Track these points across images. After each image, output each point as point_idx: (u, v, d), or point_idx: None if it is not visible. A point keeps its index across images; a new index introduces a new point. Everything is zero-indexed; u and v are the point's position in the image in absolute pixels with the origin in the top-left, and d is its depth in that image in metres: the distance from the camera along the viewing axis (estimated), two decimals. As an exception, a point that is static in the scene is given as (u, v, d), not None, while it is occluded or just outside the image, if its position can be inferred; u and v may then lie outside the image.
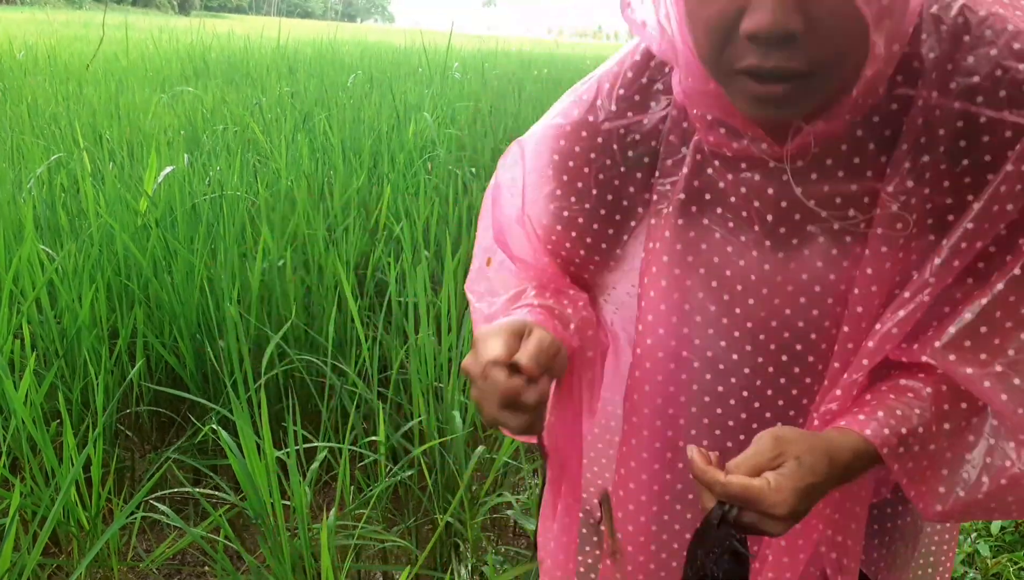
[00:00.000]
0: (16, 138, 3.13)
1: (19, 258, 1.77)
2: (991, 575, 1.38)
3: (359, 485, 1.69)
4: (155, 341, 1.88)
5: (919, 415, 0.66)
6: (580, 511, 0.89)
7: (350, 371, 1.79)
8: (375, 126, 3.67)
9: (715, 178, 0.73)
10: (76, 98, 4.49)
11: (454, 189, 2.56)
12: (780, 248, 0.71)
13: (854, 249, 0.68)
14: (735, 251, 0.73)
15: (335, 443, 1.65)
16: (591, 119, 0.77)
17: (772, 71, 0.58)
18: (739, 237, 0.72)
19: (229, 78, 5.98)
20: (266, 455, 1.30)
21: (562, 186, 0.80)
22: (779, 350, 0.73)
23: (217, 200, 2.38)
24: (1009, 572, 1.36)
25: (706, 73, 0.64)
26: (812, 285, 0.70)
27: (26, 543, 1.33)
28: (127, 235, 1.99)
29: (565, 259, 0.84)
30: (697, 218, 0.73)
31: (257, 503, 1.30)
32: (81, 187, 2.37)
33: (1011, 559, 1.37)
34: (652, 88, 0.75)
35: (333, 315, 1.76)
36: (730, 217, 0.72)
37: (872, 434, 0.64)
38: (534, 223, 0.82)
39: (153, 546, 1.69)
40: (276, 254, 2.03)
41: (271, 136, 3.44)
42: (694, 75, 0.65)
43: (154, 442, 1.96)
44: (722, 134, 0.70)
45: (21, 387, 1.44)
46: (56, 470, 1.42)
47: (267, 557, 1.30)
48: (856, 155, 0.67)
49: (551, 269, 0.84)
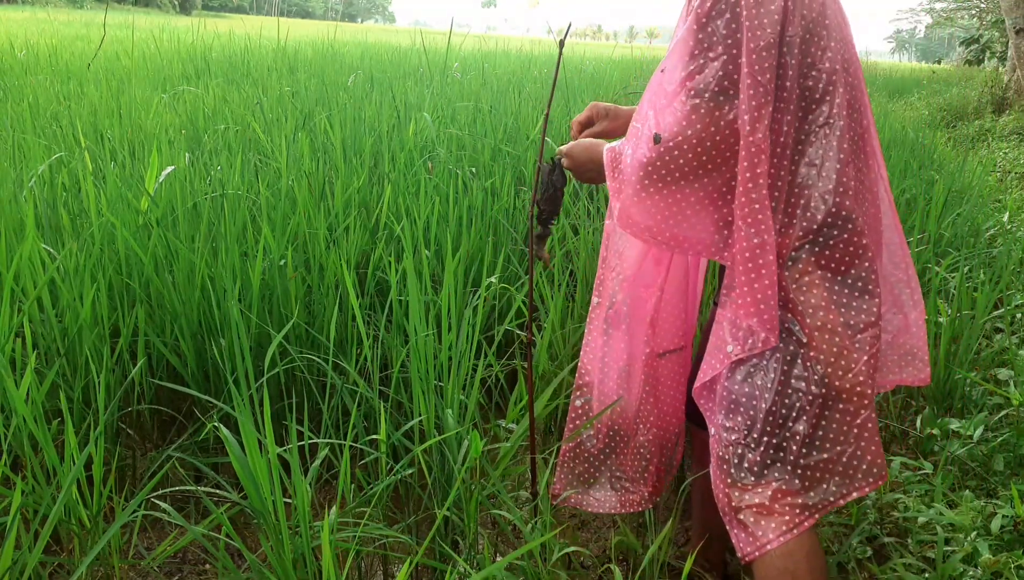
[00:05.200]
0: (17, 137, 3.13)
1: (20, 257, 1.78)
2: (991, 574, 1.39)
3: (360, 483, 1.69)
4: (156, 340, 1.88)
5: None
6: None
7: (351, 370, 1.79)
8: (376, 126, 3.67)
9: None
10: (77, 97, 4.49)
11: (454, 189, 2.56)
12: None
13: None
14: None
15: (337, 441, 1.65)
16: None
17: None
18: None
19: (230, 77, 5.98)
20: (268, 453, 1.30)
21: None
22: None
23: (218, 199, 2.38)
24: (1009, 572, 1.36)
25: None
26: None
27: (27, 541, 1.33)
28: (128, 234, 1.99)
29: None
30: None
31: (258, 501, 1.30)
32: (82, 186, 2.37)
33: (1011, 558, 1.38)
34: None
35: (335, 314, 1.76)
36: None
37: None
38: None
39: (154, 544, 1.69)
40: (277, 253, 2.03)
41: (272, 135, 3.44)
42: None
43: (155, 440, 1.96)
44: None
45: (22, 386, 1.44)
46: (57, 468, 1.42)
47: (268, 555, 1.30)
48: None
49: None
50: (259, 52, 7.96)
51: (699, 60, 1.18)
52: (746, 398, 1.24)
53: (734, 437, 1.25)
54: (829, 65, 1.19)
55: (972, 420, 1.90)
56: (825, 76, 1.19)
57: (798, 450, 1.21)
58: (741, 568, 1.61)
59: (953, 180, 4.07)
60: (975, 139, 7.75)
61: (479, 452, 1.42)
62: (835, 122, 1.19)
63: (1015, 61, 8.60)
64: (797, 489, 1.21)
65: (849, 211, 1.20)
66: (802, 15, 1.17)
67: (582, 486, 1.62)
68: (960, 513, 1.54)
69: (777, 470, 1.22)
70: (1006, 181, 5.56)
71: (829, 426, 1.21)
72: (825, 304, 1.21)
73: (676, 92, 1.20)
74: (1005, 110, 8.87)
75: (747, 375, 1.25)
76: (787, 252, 1.22)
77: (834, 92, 1.19)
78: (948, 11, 17.93)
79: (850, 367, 1.20)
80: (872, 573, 1.53)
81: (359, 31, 20.53)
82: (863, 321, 1.21)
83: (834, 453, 1.21)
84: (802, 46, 1.18)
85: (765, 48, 1.14)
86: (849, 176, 1.20)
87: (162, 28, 12.09)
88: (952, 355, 2.21)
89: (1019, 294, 2.77)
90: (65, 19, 14.96)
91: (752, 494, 1.23)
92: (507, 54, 10.46)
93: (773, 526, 1.21)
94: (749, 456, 1.23)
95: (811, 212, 1.20)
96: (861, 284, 1.22)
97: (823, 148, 1.20)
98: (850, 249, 1.20)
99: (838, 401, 1.21)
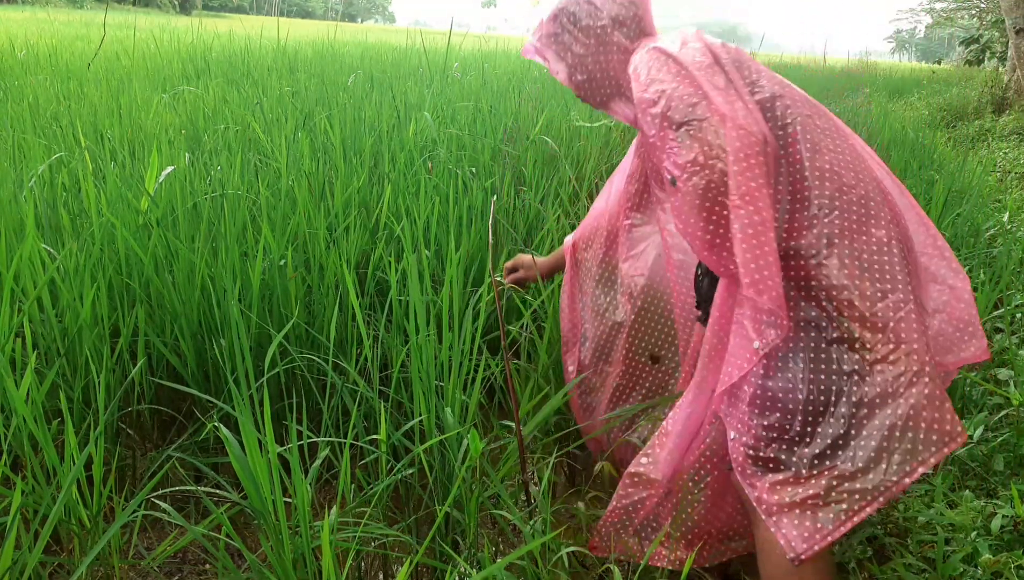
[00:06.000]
0: (17, 137, 3.13)
1: (20, 257, 1.78)
2: (991, 574, 1.39)
3: (360, 483, 1.69)
4: (156, 340, 1.88)
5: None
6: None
7: (351, 370, 1.79)
8: (376, 126, 3.67)
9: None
10: (77, 97, 4.49)
11: (454, 189, 2.56)
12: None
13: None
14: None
15: (337, 439, 1.65)
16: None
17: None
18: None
19: (230, 77, 5.98)
20: (268, 452, 1.30)
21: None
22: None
23: (218, 199, 2.38)
24: (1009, 572, 1.36)
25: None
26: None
27: (27, 541, 1.33)
28: (128, 234, 1.99)
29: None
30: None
31: (258, 501, 1.30)
32: (82, 186, 2.37)
33: (1011, 558, 1.38)
34: None
35: (335, 314, 1.76)
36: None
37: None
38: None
39: (154, 544, 1.69)
40: (277, 253, 2.03)
41: (272, 135, 3.44)
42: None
43: (155, 440, 1.96)
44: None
45: (22, 386, 1.44)
46: (57, 468, 1.42)
47: (268, 555, 1.30)
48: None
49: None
50: (259, 52, 7.96)
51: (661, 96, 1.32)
52: (782, 393, 1.21)
53: (775, 434, 1.21)
54: (767, 83, 1.35)
55: (972, 420, 1.90)
56: (767, 86, 1.35)
57: (846, 433, 1.17)
58: (741, 568, 1.61)
59: (953, 180, 4.07)
60: (975, 139, 7.75)
61: (479, 451, 1.42)
62: (795, 118, 1.31)
63: (1015, 61, 8.60)
64: (852, 472, 1.15)
65: (838, 189, 1.26)
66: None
67: (619, 536, 1.55)
68: (960, 513, 1.54)
69: (828, 458, 1.17)
70: (1006, 181, 5.56)
71: (874, 401, 1.16)
72: (848, 274, 1.20)
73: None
74: (1005, 110, 8.87)
75: (778, 370, 1.22)
76: (797, 241, 1.23)
77: (779, 98, 1.33)
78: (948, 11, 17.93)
79: (888, 335, 1.17)
80: (872, 573, 1.53)
81: (359, 31, 20.52)
82: (888, 285, 1.20)
83: (886, 428, 1.15)
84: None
85: (709, 66, 1.30)
86: (824, 160, 1.29)
87: (162, 28, 12.09)
88: (952, 355, 2.21)
89: (1019, 294, 2.77)
90: (65, 19, 14.96)
91: (806, 487, 1.18)
92: (507, 54, 10.46)
93: (832, 516, 1.15)
94: (797, 450, 1.19)
95: (809, 199, 1.25)
96: (876, 247, 1.22)
97: (796, 141, 1.30)
98: (854, 218, 1.23)
99: (879, 373, 1.16)
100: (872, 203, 1.27)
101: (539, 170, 3.28)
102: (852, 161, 1.32)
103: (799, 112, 1.33)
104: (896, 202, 1.37)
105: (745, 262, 1.17)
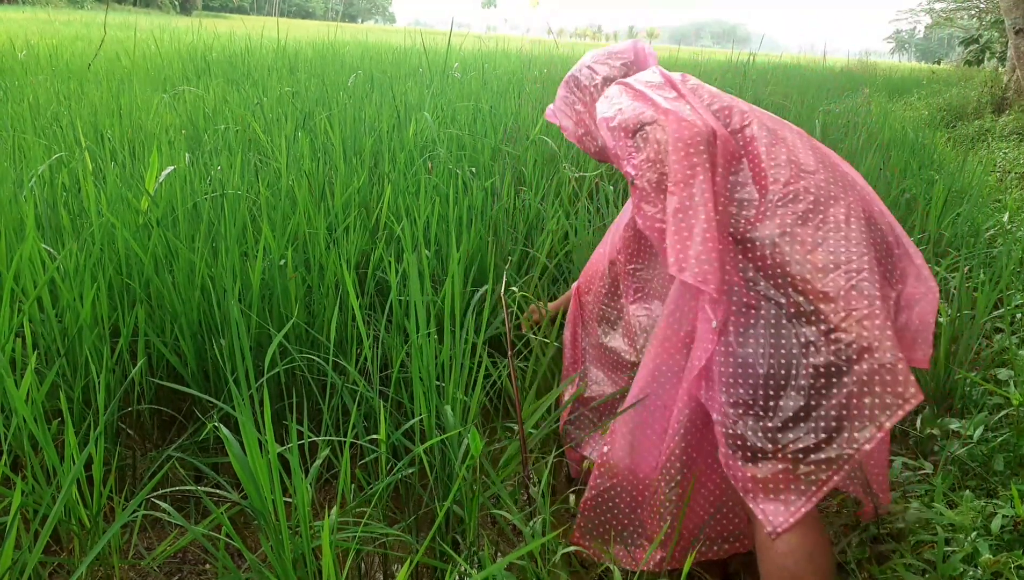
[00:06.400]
0: (18, 137, 3.13)
1: (20, 257, 1.78)
2: (991, 575, 1.39)
3: (360, 483, 1.69)
4: (156, 340, 1.88)
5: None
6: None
7: (351, 369, 1.80)
8: (376, 126, 3.67)
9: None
10: (77, 97, 4.49)
11: (454, 189, 2.56)
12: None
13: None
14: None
15: (337, 438, 1.65)
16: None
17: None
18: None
19: (230, 78, 5.98)
20: (268, 452, 1.30)
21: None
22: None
23: (218, 199, 2.38)
24: (1009, 572, 1.36)
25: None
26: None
27: (27, 541, 1.33)
28: (128, 234, 1.99)
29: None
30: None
31: (258, 501, 1.30)
32: (82, 186, 2.37)
33: (1011, 558, 1.37)
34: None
35: (335, 314, 1.76)
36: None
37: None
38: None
39: (154, 544, 1.69)
40: (277, 253, 2.03)
41: (272, 135, 3.44)
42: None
43: (155, 440, 1.96)
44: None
45: (22, 386, 1.44)
46: (57, 468, 1.42)
47: (268, 555, 1.30)
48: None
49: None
50: (259, 52, 7.96)
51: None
52: (742, 369, 1.26)
53: (741, 411, 1.25)
54: (725, 99, 1.52)
55: (972, 420, 1.90)
56: (724, 100, 1.50)
57: (806, 405, 1.20)
58: (741, 568, 1.61)
59: (953, 180, 4.06)
60: (975, 139, 7.75)
61: (479, 451, 1.42)
62: (751, 121, 1.44)
63: (1015, 61, 8.60)
64: (816, 443, 1.19)
65: (794, 175, 1.36)
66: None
67: (601, 539, 1.57)
68: (960, 513, 1.54)
69: (791, 430, 1.21)
70: (1006, 181, 5.56)
71: (830, 371, 1.20)
72: (801, 250, 1.27)
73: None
74: (1005, 110, 8.87)
75: (740, 346, 1.27)
76: (759, 228, 1.31)
77: (734, 107, 1.48)
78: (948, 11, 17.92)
79: (839, 304, 1.22)
80: (872, 573, 1.53)
81: (359, 31, 20.52)
82: (842, 257, 1.26)
83: (843, 396, 1.19)
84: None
85: (660, 85, 1.53)
86: (781, 151, 1.39)
87: (162, 28, 12.09)
88: (952, 355, 2.21)
89: (1019, 294, 2.77)
90: (65, 19, 14.96)
91: (774, 462, 1.22)
92: (507, 54, 10.46)
93: (803, 488, 1.20)
94: (762, 424, 1.23)
95: (768, 188, 1.35)
96: (832, 224, 1.29)
97: (754, 140, 1.41)
98: (811, 199, 1.32)
99: (833, 342, 1.21)
100: (832, 186, 1.35)
101: (539, 170, 3.28)
102: (812, 151, 1.41)
103: (755, 117, 1.45)
104: (870, 192, 1.43)
105: (672, 243, 1.27)
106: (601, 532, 1.57)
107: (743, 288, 1.30)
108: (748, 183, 1.37)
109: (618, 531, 1.55)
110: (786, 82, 9.18)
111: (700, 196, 1.28)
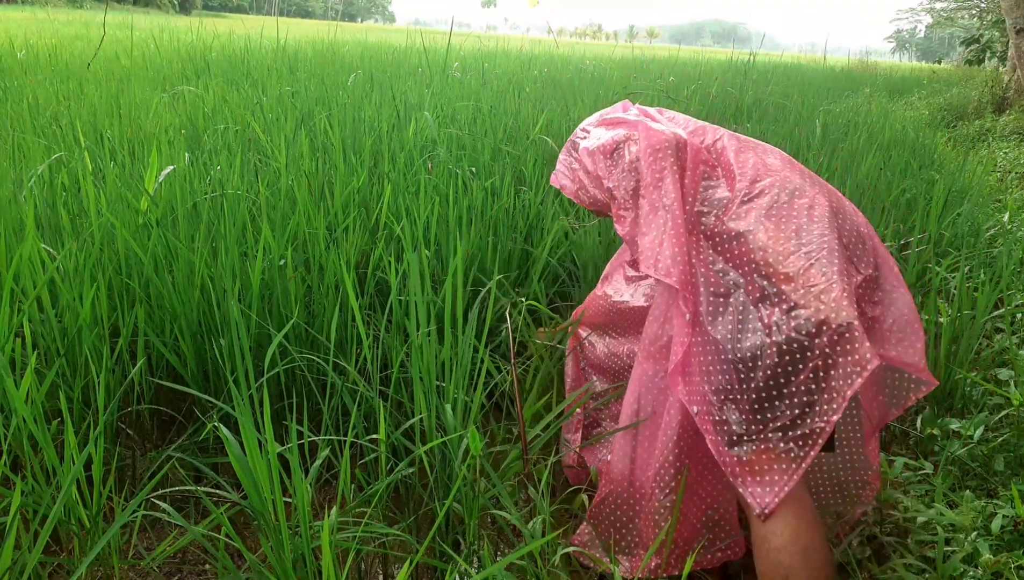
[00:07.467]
0: (17, 137, 3.13)
1: (20, 257, 1.77)
2: (991, 574, 1.39)
3: (360, 483, 1.69)
4: (156, 340, 1.88)
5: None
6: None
7: (351, 369, 1.79)
8: (375, 125, 3.67)
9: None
10: (77, 97, 4.49)
11: (454, 189, 2.56)
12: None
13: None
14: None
15: (337, 437, 1.65)
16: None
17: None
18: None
19: (230, 77, 5.98)
20: (268, 453, 1.30)
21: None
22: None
23: (218, 199, 2.38)
24: (1009, 572, 1.36)
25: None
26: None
27: (27, 541, 1.33)
28: (128, 234, 1.99)
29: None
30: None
31: (258, 501, 1.30)
32: (82, 186, 2.37)
33: (1011, 558, 1.37)
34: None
35: (335, 314, 1.76)
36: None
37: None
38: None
39: (154, 544, 1.69)
40: (277, 253, 2.03)
41: (272, 135, 3.44)
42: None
43: (155, 440, 1.96)
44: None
45: (22, 386, 1.44)
46: (57, 468, 1.42)
47: (268, 555, 1.30)
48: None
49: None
50: (259, 52, 7.96)
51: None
52: (712, 355, 1.32)
53: (723, 396, 1.30)
54: (700, 122, 1.62)
55: (972, 420, 1.90)
56: (698, 122, 1.62)
57: (776, 383, 1.25)
58: (741, 569, 1.61)
59: (953, 180, 4.06)
60: (975, 139, 7.75)
61: (479, 450, 1.42)
62: (722, 136, 1.55)
63: (1015, 61, 8.60)
64: (792, 420, 1.24)
65: (760, 174, 1.44)
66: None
67: (603, 545, 1.58)
68: (960, 513, 1.54)
69: (768, 411, 1.26)
70: (1006, 181, 5.56)
71: (793, 347, 1.24)
72: (765, 236, 1.33)
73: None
74: (1005, 110, 8.87)
75: (712, 334, 1.33)
76: (728, 223, 1.39)
77: (707, 127, 1.59)
78: (948, 11, 17.92)
79: (799, 282, 1.27)
80: (872, 573, 1.53)
81: (359, 31, 20.52)
82: (804, 238, 1.31)
83: (809, 371, 1.23)
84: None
85: (636, 113, 1.71)
86: (749, 155, 1.49)
87: (162, 28, 12.09)
88: (952, 355, 2.21)
89: (1019, 294, 2.77)
90: (65, 19, 14.96)
91: (756, 443, 1.27)
92: (507, 54, 10.46)
93: (785, 466, 1.25)
94: (741, 407, 1.28)
95: (736, 188, 1.44)
96: (796, 212, 1.36)
97: (725, 150, 1.52)
98: (776, 191, 1.39)
99: (794, 318, 1.25)
100: (798, 180, 1.42)
101: (539, 170, 3.28)
102: (780, 158, 1.51)
103: (726, 132, 1.57)
104: (840, 196, 1.49)
105: (642, 242, 1.38)
106: (605, 538, 1.58)
107: (713, 279, 1.36)
108: (720, 186, 1.46)
109: (618, 539, 1.57)
110: (787, 82, 9.18)
111: (668, 197, 1.39)
